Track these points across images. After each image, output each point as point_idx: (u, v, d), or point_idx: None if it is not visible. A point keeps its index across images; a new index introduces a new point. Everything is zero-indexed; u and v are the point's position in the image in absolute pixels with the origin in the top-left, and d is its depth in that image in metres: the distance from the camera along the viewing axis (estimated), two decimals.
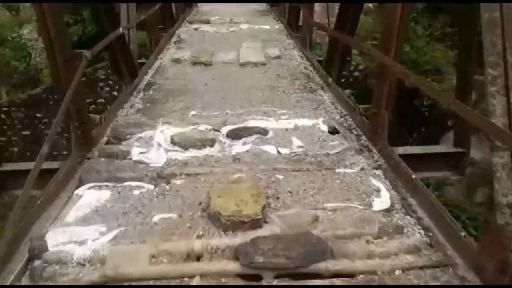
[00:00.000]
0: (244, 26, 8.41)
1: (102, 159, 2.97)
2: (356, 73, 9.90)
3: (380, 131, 3.18)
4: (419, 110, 9.55)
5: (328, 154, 3.05)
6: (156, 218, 2.36)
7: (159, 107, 4.19)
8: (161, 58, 6.25)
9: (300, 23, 7.98)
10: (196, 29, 8.38)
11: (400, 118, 8.24)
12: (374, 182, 2.71)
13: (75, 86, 2.90)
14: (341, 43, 4.42)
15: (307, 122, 3.66)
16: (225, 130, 3.45)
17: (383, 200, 2.52)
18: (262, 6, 11.80)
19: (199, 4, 11.82)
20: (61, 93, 3.01)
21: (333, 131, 3.48)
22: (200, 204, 2.47)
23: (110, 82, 10.24)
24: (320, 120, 3.70)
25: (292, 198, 2.54)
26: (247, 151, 3.09)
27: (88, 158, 3.08)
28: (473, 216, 6.10)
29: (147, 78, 5.27)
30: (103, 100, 10.67)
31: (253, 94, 4.55)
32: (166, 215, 2.38)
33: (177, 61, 5.89)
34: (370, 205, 2.47)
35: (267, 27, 8.46)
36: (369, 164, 2.93)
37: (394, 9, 2.89)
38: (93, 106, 10.16)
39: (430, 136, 8.79)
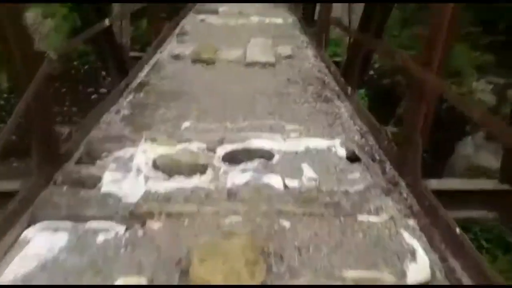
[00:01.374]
0: (255, 19, 7.74)
1: (65, 188, 2.39)
2: (371, 71, 9.14)
3: (412, 161, 2.55)
4: (437, 114, 8.90)
5: (347, 192, 2.43)
6: (118, 281, 1.78)
7: (148, 114, 3.59)
8: (160, 53, 5.64)
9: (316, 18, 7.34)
10: (202, 20, 7.73)
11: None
12: (407, 238, 2.09)
13: (35, 91, 2.32)
14: (364, 47, 3.77)
15: (321, 143, 3.04)
16: (221, 151, 2.85)
17: (420, 266, 1.92)
18: None
19: None
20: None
21: (352, 158, 2.86)
22: (179, 262, 1.88)
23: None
24: (337, 141, 3.07)
25: (301, 259, 1.93)
26: (246, 183, 2.49)
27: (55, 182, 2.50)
28: (486, 228, 5.52)
29: (141, 76, 4.67)
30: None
31: (259, 102, 3.93)
32: (133, 279, 1.80)
33: (176, 57, 5.27)
34: (404, 274, 1.87)
35: (280, 20, 7.78)
36: (400, 210, 2.31)
37: (442, 11, 2.25)
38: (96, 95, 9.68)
39: (448, 142, 8.17)
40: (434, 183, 2.75)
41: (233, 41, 6.24)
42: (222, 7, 8.84)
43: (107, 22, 3.43)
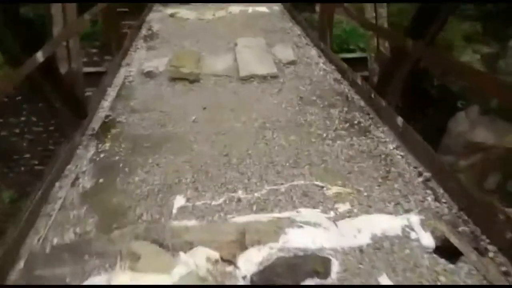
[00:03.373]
0: (235, 9, 6.50)
1: None
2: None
3: None
4: (427, 92, 8.08)
5: None
6: None
7: (120, 186, 2.44)
8: (127, 67, 4.40)
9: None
10: (172, 15, 6.44)
11: (410, 101, 6.74)
12: None
13: None
14: (411, 57, 2.70)
15: (389, 224, 2.02)
16: (245, 263, 1.78)
17: None
18: None
19: None
20: None
21: (446, 251, 1.85)
22: None
23: None
24: (413, 217, 2.05)
25: None
26: None
27: None
28: None
29: (105, 108, 3.48)
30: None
31: (272, 142, 2.85)
32: None
33: (149, 75, 4.07)
34: None
35: (265, 9, 6.57)
36: None
37: None
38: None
39: (440, 119, 7.41)
40: None
41: (216, 42, 5.06)
42: None
43: (40, 56, 2.22)
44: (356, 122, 3.10)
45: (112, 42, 4.66)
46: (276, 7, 6.72)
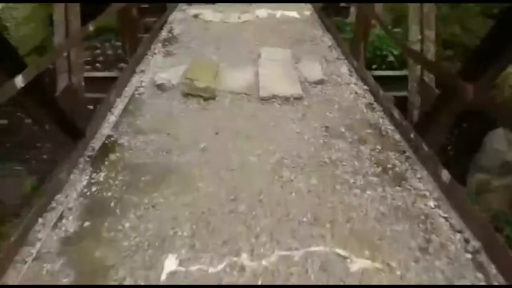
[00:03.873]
0: (263, 13, 6.06)
1: None
2: None
3: None
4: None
5: None
6: None
7: (106, 233, 2.08)
8: (141, 74, 4.06)
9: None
10: (195, 16, 6.06)
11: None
12: None
13: None
14: (465, 100, 2.19)
15: None
16: None
17: None
18: None
19: None
20: None
21: None
22: None
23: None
24: None
25: None
26: None
27: None
28: None
29: (108, 125, 3.15)
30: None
31: (288, 186, 2.43)
32: None
33: (161, 87, 3.71)
34: None
35: (295, 14, 6.09)
36: None
37: None
38: None
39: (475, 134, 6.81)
40: None
41: (238, 49, 4.66)
42: None
43: (19, 82, 1.87)
44: (390, 165, 2.63)
45: (127, 46, 4.34)
46: (307, 11, 6.23)
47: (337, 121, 3.18)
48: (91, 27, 2.96)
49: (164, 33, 5.38)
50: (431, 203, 2.29)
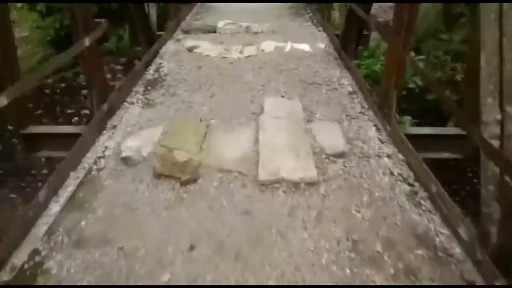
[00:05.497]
0: (268, 46, 5.12)
1: None
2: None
3: None
4: None
5: None
6: None
7: None
8: (110, 133, 3.15)
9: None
10: (190, 49, 5.17)
11: None
12: None
13: None
14: None
15: None
16: None
17: None
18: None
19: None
20: None
21: None
22: None
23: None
24: None
25: None
26: None
27: None
28: None
29: (28, 248, 2.20)
30: (87, 112, 7.94)
31: None
32: None
33: (126, 162, 2.77)
34: None
35: (306, 47, 5.15)
36: None
37: None
38: (76, 118, 7.33)
39: None
40: None
41: (236, 98, 3.74)
42: (223, 21, 6.25)
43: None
44: None
45: (94, 93, 3.41)
46: (321, 44, 5.28)
47: (368, 227, 2.18)
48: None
49: (150, 72, 4.50)
50: None
